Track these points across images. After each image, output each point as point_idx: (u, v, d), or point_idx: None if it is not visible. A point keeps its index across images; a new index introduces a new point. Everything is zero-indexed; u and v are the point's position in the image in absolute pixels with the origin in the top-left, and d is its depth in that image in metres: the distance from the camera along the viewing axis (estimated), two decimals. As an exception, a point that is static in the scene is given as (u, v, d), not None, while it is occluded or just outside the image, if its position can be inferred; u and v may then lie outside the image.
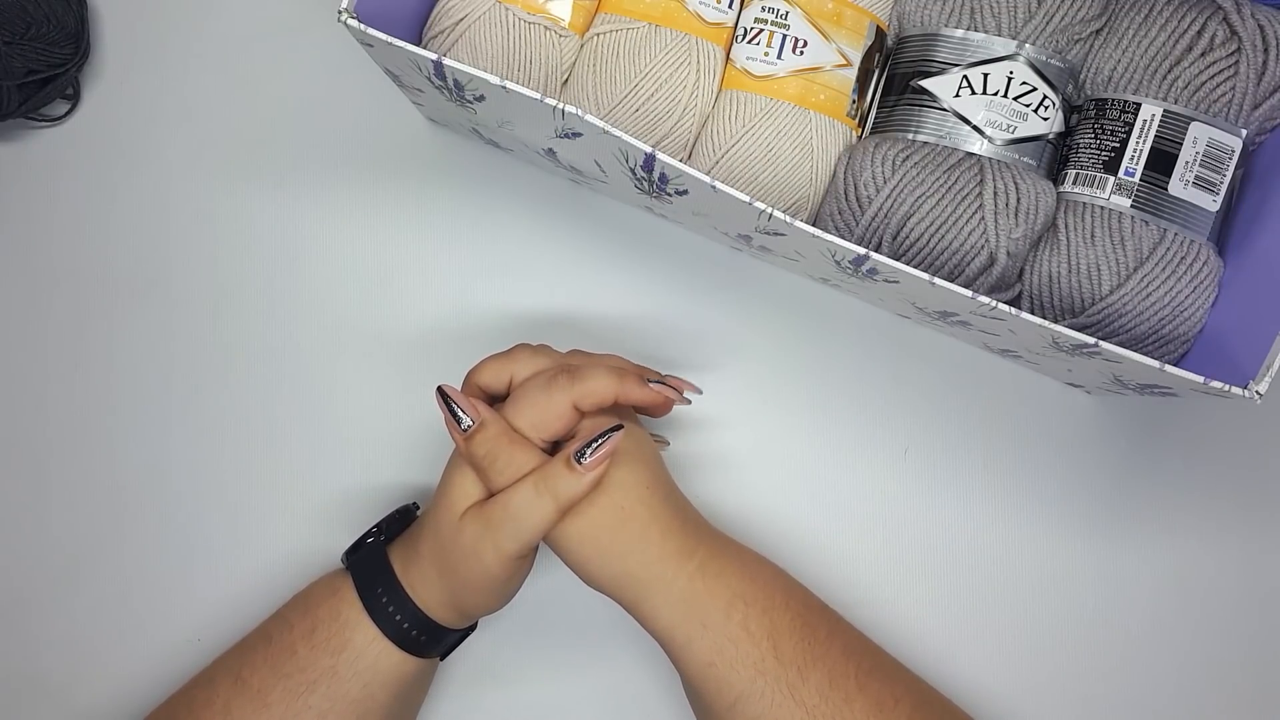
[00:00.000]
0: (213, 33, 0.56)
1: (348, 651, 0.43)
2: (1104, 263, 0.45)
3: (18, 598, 0.51)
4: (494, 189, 0.55)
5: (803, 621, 0.43)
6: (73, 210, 0.54)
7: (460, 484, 0.42)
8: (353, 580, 0.44)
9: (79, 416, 0.53)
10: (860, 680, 0.42)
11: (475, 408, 0.42)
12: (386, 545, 0.45)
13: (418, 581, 0.43)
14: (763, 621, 0.42)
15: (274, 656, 0.43)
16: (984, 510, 0.53)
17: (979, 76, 0.46)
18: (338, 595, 0.44)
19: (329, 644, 0.43)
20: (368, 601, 0.43)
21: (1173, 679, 0.52)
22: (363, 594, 0.43)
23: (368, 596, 0.43)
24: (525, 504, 0.40)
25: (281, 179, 0.55)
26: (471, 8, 0.47)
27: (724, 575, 0.42)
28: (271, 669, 0.43)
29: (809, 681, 0.41)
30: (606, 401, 0.43)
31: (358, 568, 0.44)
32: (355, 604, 0.43)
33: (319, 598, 0.45)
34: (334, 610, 0.43)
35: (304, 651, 0.43)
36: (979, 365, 0.54)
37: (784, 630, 0.42)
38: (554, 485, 0.40)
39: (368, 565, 0.44)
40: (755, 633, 0.42)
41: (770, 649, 0.41)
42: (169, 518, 0.52)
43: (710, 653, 0.41)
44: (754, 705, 0.41)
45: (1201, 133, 0.45)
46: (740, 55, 0.49)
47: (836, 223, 0.48)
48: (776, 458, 0.53)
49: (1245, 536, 0.53)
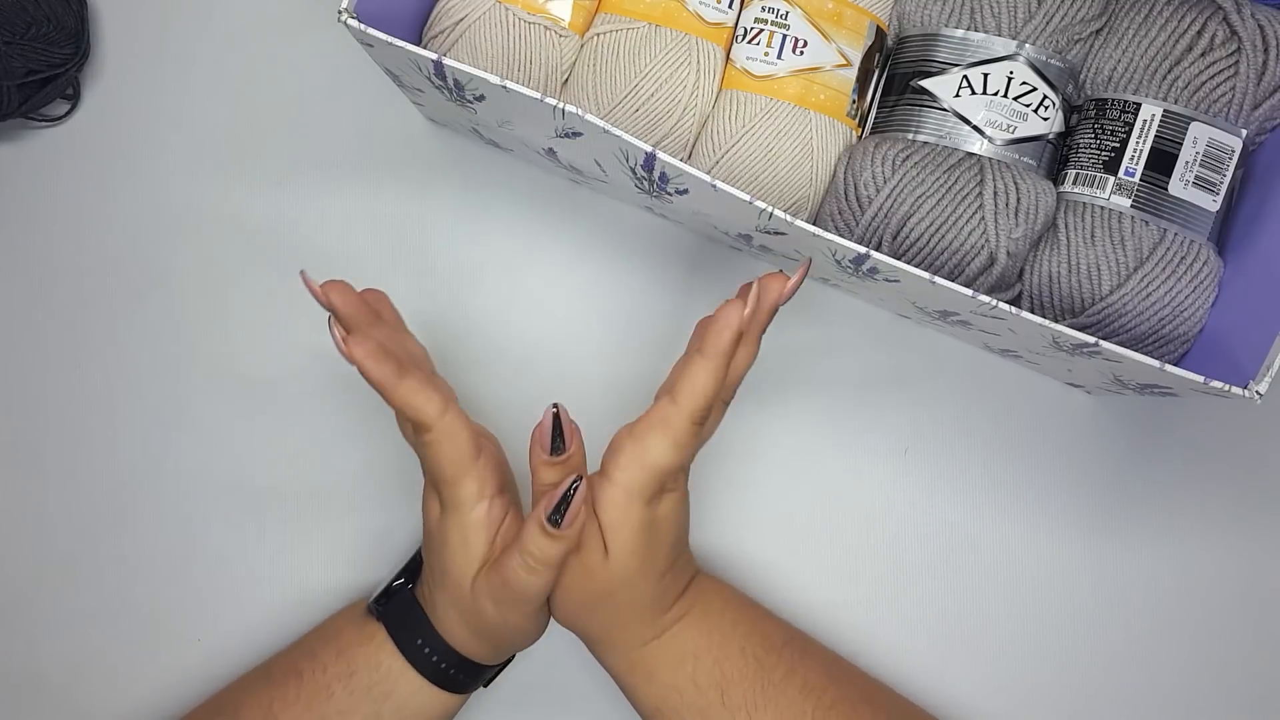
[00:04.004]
0: (213, 33, 0.56)
1: (393, 699, 0.43)
2: (1104, 263, 0.45)
3: (18, 598, 0.51)
4: (494, 189, 0.55)
5: (757, 665, 0.43)
6: (73, 210, 0.54)
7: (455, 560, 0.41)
8: (387, 630, 0.44)
9: (79, 416, 0.53)
10: (817, 716, 0.42)
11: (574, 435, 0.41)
12: (414, 591, 0.45)
13: (453, 629, 0.43)
14: (713, 673, 0.43)
15: (307, 695, 0.43)
16: (984, 510, 0.53)
17: (979, 76, 0.46)
18: (374, 643, 0.44)
19: (371, 691, 0.43)
20: (408, 652, 0.43)
21: (1172, 678, 0.52)
22: (402, 645, 0.43)
23: (408, 647, 0.43)
24: (519, 578, 0.40)
25: (281, 179, 0.55)
26: (471, 8, 0.47)
27: (680, 637, 0.43)
28: (305, 707, 0.43)
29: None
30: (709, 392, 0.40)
31: (393, 619, 0.44)
32: (396, 654, 0.43)
33: (351, 641, 0.44)
34: (373, 659, 0.43)
35: (342, 694, 0.43)
36: (979, 365, 0.54)
37: (734, 678, 0.43)
38: (538, 555, 0.39)
39: (404, 616, 0.44)
40: (702, 684, 0.42)
41: (717, 697, 0.42)
42: (169, 518, 0.52)
43: (656, 699, 0.43)
44: None
45: (1201, 133, 0.45)
46: (740, 55, 0.49)
47: (836, 223, 0.48)
48: (775, 457, 0.53)
49: (1245, 536, 0.53)
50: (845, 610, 0.51)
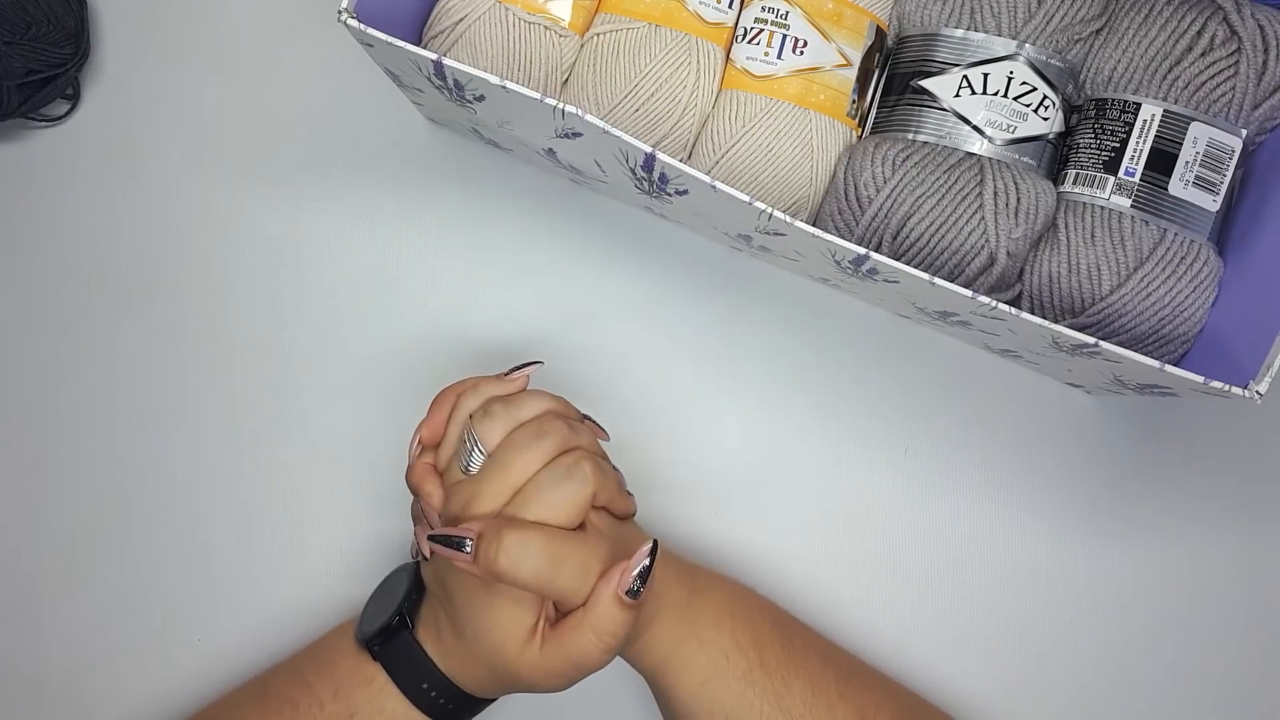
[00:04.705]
0: (213, 33, 0.56)
1: None
2: (1104, 263, 0.45)
3: (18, 598, 0.51)
4: (494, 189, 0.55)
5: (780, 631, 0.44)
6: (73, 210, 0.54)
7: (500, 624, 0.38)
8: (389, 673, 0.41)
9: (79, 416, 0.53)
10: (840, 688, 0.43)
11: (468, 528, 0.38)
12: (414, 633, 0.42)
13: (465, 677, 0.41)
14: (747, 631, 0.43)
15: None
16: (983, 510, 0.53)
17: (979, 76, 0.46)
18: (374, 686, 0.41)
19: None
20: (413, 695, 0.41)
21: (1172, 677, 0.52)
22: (406, 689, 0.41)
23: (412, 691, 0.41)
24: (590, 656, 0.37)
25: (281, 179, 0.55)
26: (471, 8, 0.47)
27: (712, 592, 0.43)
28: None
29: (793, 690, 0.42)
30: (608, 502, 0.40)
31: (395, 663, 0.42)
32: (400, 699, 0.41)
33: (349, 679, 0.42)
34: (375, 703, 0.41)
35: None
36: (979, 365, 0.54)
37: (767, 639, 0.43)
38: (615, 631, 0.37)
39: (406, 659, 0.41)
40: (743, 643, 0.42)
41: (756, 658, 0.42)
42: (169, 518, 0.52)
43: (705, 670, 0.42)
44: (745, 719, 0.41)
45: (1201, 133, 0.45)
46: (740, 55, 0.49)
47: (836, 223, 0.48)
48: (776, 457, 0.53)
49: (1245, 536, 0.53)
50: (844, 610, 0.51)
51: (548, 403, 0.41)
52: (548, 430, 0.39)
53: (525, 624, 0.38)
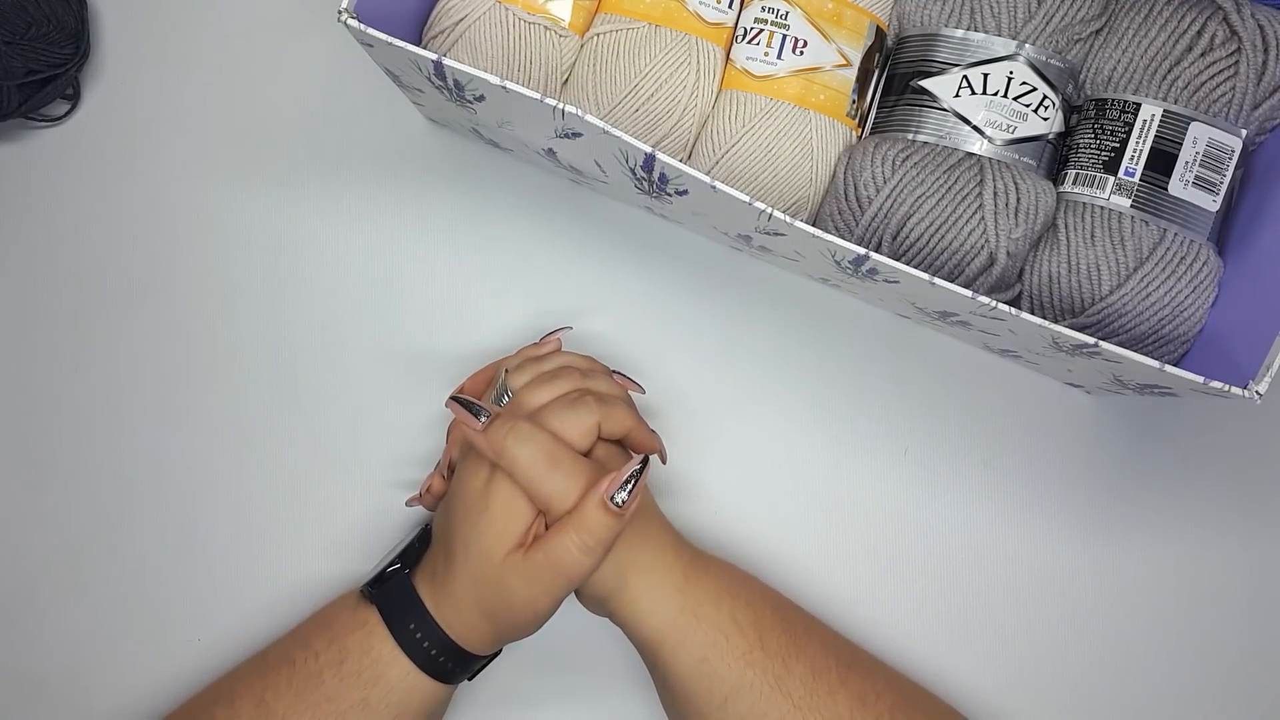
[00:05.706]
0: (213, 33, 0.56)
1: (381, 685, 0.42)
2: (1104, 263, 0.45)
3: (18, 598, 0.51)
4: (494, 189, 0.55)
5: (781, 616, 0.44)
6: (73, 210, 0.54)
7: (492, 527, 0.41)
8: (380, 614, 0.43)
9: (79, 416, 0.53)
10: (841, 674, 0.43)
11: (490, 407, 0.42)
12: (411, 576, 0.44)
13: (453, 617, 0.42)
14: (748, 613, 0.43)
15: (299, 683, 0.43)
16: (983, 510, 0.53)
17: (979, 76, 0.46)
18: (366, 629, 0.43)
19: (360, 677, 0.42)
20: (400, 637, 0.42)
21: (1171, 677, 0.52)
22: (395, 630, 0.42)
23: (400, 632, 0.42)
24: (571, 557, 0.39)
25: (281, 179, 0.55)
26: (471, 8, 0.47)
27: (710, 569, 0.44)
28: (297, 695, 0.42)
29: (793, 674, 0.42)
30: (623, 433, 0.43)
31: (386, 603, 0.43)
32: (387, 639, 0.42)
33: (344, 627, 0.44)
34: (364, 644, 0.43)
35: (332, 681, 0.42)
36: (979, 365, 0.54)
37: (768, 623, 0.43)
38: (597, 534, 0.39)
39: (398, 600, 0.43)
40: (743, 624, 0.43)
41: (757, 640, 0.42)
42: (169, 518, 0.52)
43: (704, 646, 0.42)
44: (744, 700, 0.41)
45: (1201, 133, 0.45)
46: (740, 55, 0.49)
47: (836, 223, 0.48)
48: (776, 457, 0.53)
49: (1245, 536, 0.53)
50: (843, 609, 0.51)
51: (569, 359, 0.47)
52: (563, 374, 0.44)
53: (515, 530, 0.40)
